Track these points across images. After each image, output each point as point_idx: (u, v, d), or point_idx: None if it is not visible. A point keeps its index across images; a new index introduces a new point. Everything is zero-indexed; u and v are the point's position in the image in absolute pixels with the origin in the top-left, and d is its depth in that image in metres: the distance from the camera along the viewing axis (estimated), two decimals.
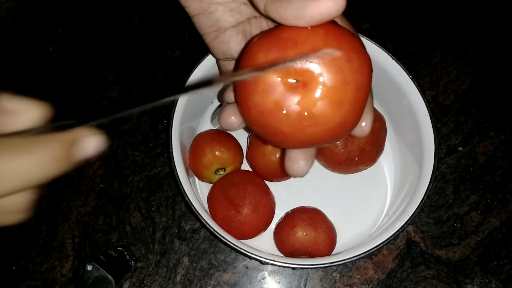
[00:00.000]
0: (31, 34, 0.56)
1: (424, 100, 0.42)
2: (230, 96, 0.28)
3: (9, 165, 0.16)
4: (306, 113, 0.22)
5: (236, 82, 0.25)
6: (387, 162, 0.49)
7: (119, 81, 0.54)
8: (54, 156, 0.17)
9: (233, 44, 0.29)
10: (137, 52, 0.55)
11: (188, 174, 0.41)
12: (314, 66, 0.22)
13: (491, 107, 0.53)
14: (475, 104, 0.53)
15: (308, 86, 0.22)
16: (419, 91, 0.42)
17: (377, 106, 0.46)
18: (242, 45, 0.29)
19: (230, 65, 0.32)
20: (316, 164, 0.47)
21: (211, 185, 0.46)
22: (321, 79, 0.22)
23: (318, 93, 0.22)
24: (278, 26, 0.23)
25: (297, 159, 0.26)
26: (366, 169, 0.46)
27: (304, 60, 0.21)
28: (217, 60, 0.33)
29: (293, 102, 0.22)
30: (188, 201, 0.38)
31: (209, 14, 0.29)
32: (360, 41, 0.24)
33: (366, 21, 0.57)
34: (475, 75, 0.54)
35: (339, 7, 0.21)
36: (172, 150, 0.39)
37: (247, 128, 0.49)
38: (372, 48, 0.43)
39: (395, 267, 0.46)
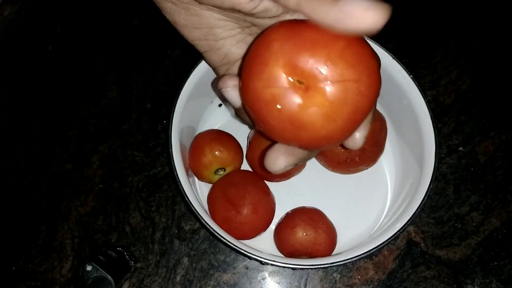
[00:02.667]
0: (31, 34, 0.56)
1: (424, 99, 0.41)
2: (228, 82, 0.27)
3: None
4: (297, 117, 0.22)
5: (245, 59, 0.25)
6: (387, 162, 0.48)
7: (119, 80, 0.54)
8: None
9: None
10: (137, 52, 0.55)
11: (188, 174, 0.41)
12: (322, 73, 0.21)
13: (492, 107, 0.53)
14: (475, 104, 0.53)
15: (309, 92, 0.22)
16: (420, 91, 0.42)
17: (377, 106, 0.46)
18: None
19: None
20: (316, 164, 0.47)
21: (211, 185, 0.46)
22: (323, 89, 0.21)
23: (315, 103, 0.22)
24: (299, 20, 0.23)
25: (277, 153, 0.25)
26: (366, 169, 0.46)
27: None
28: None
29: (290, 101, 0.22)
30: (188, 201, 0.38)
31: (217, 50, 0.29)
32: (377, 61, 0.23)
33: None
34: (475, 74, 0.54)
35: (383, 19, 0.19)
36: (172, 150, 0.39)
37: (247, 128, 0.49)
38: (372, 48, 0.43)
39: (395, 268, 0.46)
